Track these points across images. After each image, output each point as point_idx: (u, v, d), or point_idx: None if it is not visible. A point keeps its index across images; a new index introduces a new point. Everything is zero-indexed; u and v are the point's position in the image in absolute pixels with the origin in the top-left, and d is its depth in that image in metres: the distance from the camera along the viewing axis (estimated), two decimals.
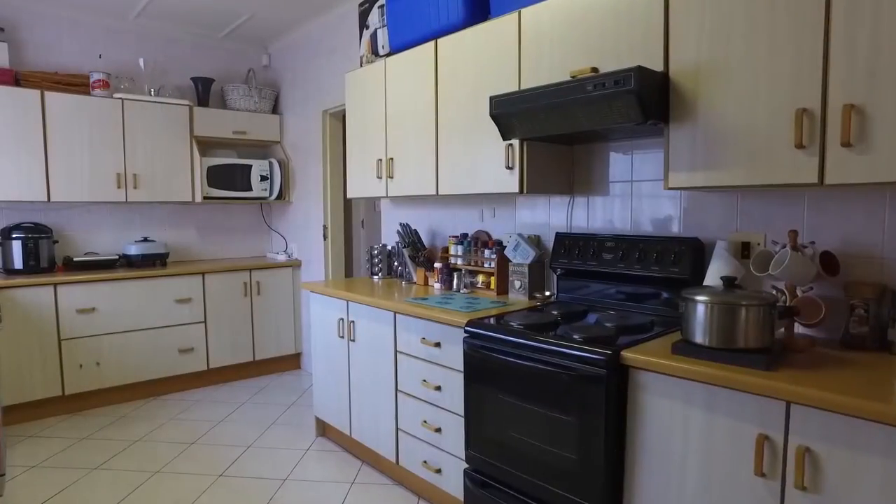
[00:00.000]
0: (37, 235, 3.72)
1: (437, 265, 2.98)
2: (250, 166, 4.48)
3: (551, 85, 1.97)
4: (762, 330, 1.56)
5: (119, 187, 3.97)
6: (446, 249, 3.06)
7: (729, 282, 1.67)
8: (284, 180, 4.62)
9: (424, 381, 2.46)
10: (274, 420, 3.58)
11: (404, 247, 3.16)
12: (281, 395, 4.04)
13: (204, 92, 4.43)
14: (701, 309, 1.63)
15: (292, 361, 4.68)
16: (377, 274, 3.41)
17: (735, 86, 1.68)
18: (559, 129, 2.06)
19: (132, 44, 4.28)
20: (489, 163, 2.46)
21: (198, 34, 4.52)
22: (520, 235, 2.67)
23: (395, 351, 2.63)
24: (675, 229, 2.23)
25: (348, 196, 3.36)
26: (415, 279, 3.20)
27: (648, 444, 1.67)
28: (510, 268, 2.69)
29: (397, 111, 2.94)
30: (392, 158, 2.99)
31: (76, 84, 3.88)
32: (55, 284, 3.57)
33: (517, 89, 2.32)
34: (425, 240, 3.37)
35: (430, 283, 3.11)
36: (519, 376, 1.98)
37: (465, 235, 3.01)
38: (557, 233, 2.54)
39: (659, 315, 2.18)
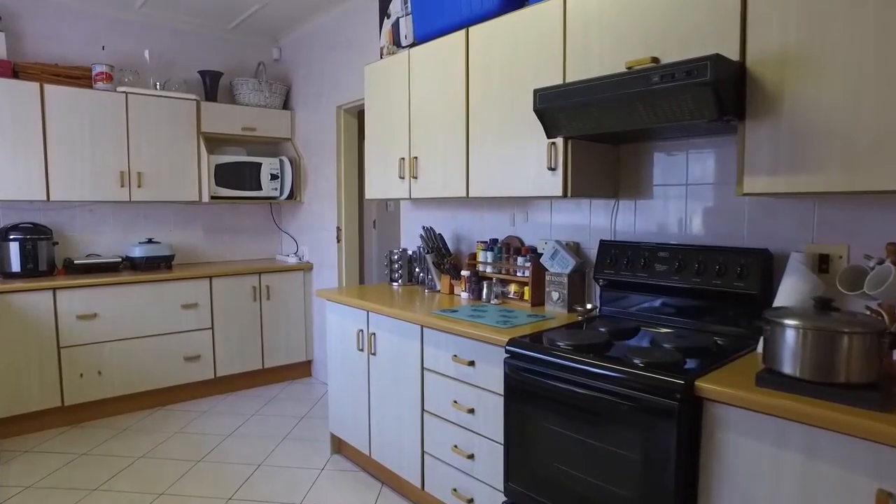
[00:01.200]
0: (35, 237, 3.52)
1: (465, 273, 2.76)
2: (260, 164, 4.26)
3: (607, 76, 1.74)
4: (868, 361, 1.34)
5: (122, 186, 3.76)
6: (474, 256, 2.84)
7: (824, 303, 1.45)
8: (296, 179, 4.40)
9: (455, 402, 2.25)
10: (285, 434, 3.37)
11: (427, 252, 2.94)
12: (292, 407, 3.83)
13: (212, 86, 4.22)
14: (792, 335, 1.40)
15: (303, 369, 4.47)
16: (397, 281, 3.19)
17: (832, 75, 1.45)
18: (614, 126, 1.84)
19: (137, 35, 4.07)
20: (528, 163, 2.24)
21: (205, 25, 4.30)
22: (558, 242, 2.45)
23: (422, 368, 2.41)
24: (739, 238, 2.01)
25: (366, 197, 3.14)
26: (438, 287, 2.98)
27: (728, 490, 1.45)
28: (547, 277, 2.47)
29: (422, 106, 2.72)
30: (416, 157, 2.77)
31: (78, 77, 3.67)
32: (54, 289, 3.37)
33: (562, 82, 2.10)
34: (450, 245, 3.15)
35: (455, 291, 2.89)
36: (569, 403, 1.76)
37: (494, 241, 2.79)
38: (602, 240, 2.32)
39: (722, 335, 1.95)
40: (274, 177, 4.32)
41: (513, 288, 2.65)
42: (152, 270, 3.87)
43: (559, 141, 2.12)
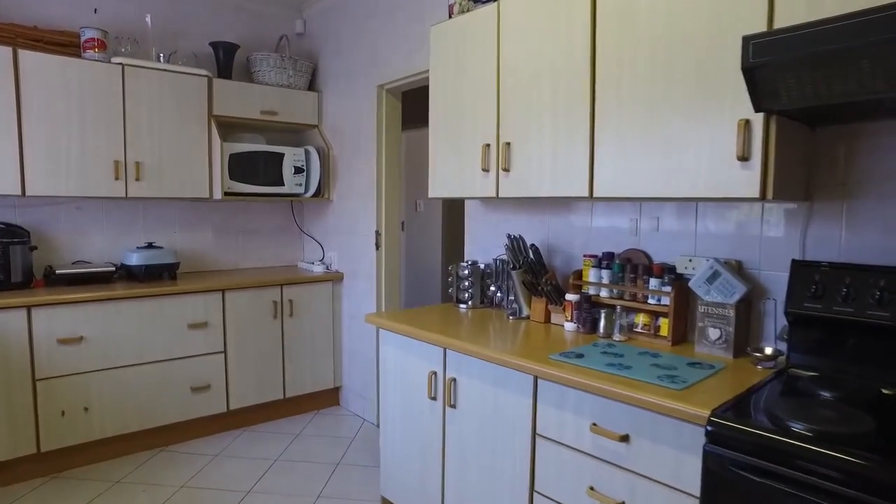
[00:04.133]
0: (7, 240, 2.83)
1: (572, 297, 2.09)
2: (281, 155, 3.58)
3: None
4: None
5: (117, 179, 3.07)
6: (578, 274, 2.17)
7: None
8: (324, 173, 3.72)
9: (593, 489, 1.58)
10: (319, 491, 2.69)
11: (514, 268, 2.27)
12: (322, 447, 3.15)
13: (226, 61, 3.53)
14: None
15: (330, 397, 3.79)
16: (465, 302, 2.52)
17: None
18: (889, 87, 1.18)
19: None
20: (698, 149, 1.58)
21: None
22: (717, 261, 1.79)
23: (533, 433, 1.74)
24: None
25: (430, 195, 2.47)
26: (525, 313, 2.31)
27: None
28: (699, 308, 1.81)
29: (518, 75, 2.05)
30: (508, 143, 2.10)
31: (62, 43, 2.98)
32: (29, 306, 2.67)
33: (768, 29, 1.43)
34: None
35: (553, 320, 2.22)
36: None
37: (609, 255, 2.12)
38: (796, 261, 1.66)
39: None
40: (298, 170, 3.64)
41: (641, 319, 1.98)
42: (153, 282, 3.18)
43: (756, 119, 1.46)
